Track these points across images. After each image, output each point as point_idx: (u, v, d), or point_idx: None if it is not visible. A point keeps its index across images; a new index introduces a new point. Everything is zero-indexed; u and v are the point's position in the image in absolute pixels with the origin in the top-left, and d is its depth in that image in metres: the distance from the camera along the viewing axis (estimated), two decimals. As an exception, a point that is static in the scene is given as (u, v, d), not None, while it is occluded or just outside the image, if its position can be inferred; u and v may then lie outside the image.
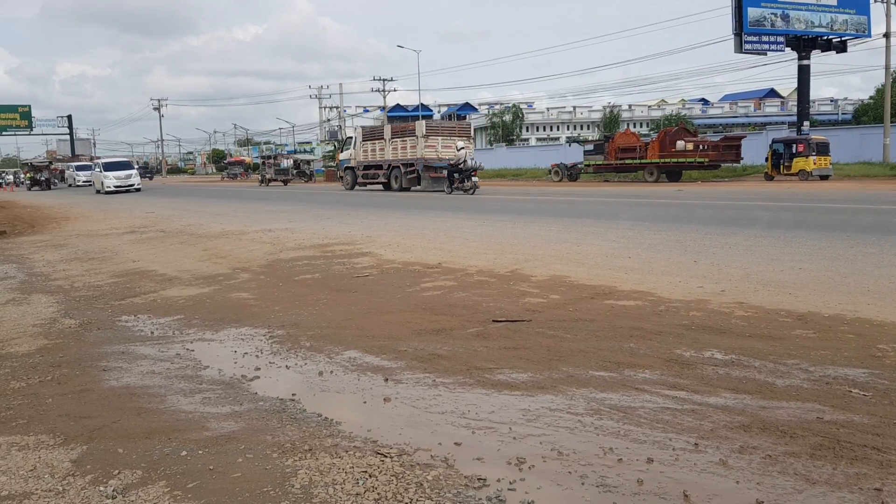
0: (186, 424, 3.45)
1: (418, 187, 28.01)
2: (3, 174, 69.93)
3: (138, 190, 36.25)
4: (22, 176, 62.65)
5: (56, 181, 52.85)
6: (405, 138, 28.40)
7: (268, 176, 46.01)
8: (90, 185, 44.51)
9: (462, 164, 23.59)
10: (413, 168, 27.88)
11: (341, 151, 37.18)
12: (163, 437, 3.28)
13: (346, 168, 32.27)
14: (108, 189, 35.19)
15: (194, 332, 5.50)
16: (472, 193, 22.85)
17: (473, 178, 23.37)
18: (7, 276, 9.13)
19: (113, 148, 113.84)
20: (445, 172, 24.79)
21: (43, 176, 50.18)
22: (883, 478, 2.61)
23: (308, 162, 50.89)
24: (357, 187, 31.32)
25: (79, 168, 52.87)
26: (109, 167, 36.98)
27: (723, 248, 8.29)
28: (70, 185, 50.88)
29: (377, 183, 30.17)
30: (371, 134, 31.72)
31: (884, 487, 2.54)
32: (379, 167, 29.67)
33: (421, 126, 27.56)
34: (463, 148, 24.33)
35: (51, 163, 57.50)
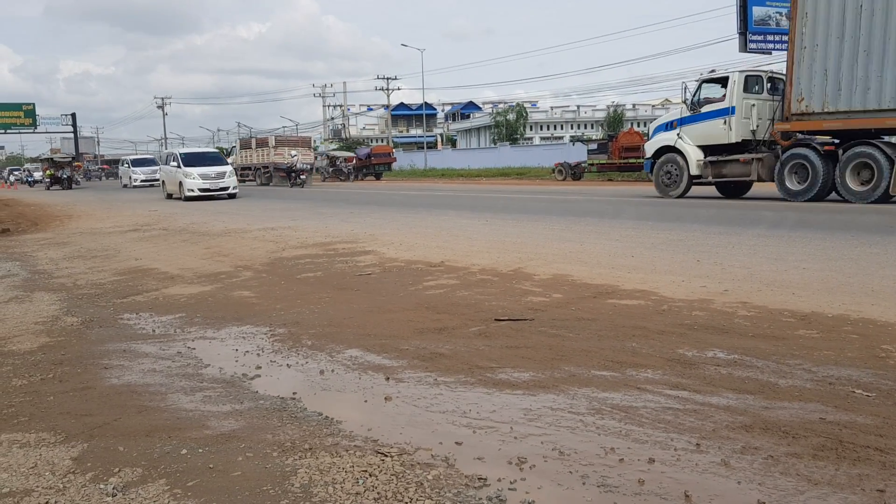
0: (187, 423, 3.44)
1: (272, 183, 38.01)
2: (18, 170, 69.44)
3: (233, 196, 23.90)
4: (40, 173, 57.37)
5: (79, 179, 48.40)
6: (264, 148, 40.10)
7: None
8: (151, 185, 37.64)
9: (294, 167, 34.26)
10: (267, 169, 38.85)
11: (228, 156, 46.12)
12: (163, 435, 3.28)
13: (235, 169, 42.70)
14: (190, 194, 23.14)
15: (196, 330, 5.50)
16: (303, 187, 33.14)
17: (302, 177, 34.05)
18: (10, 273, 9.14)
19: (117, 146, 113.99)
20: (284, 172, 35.37)
21: (65, 174, 43.55)
22: (886, 479, 2.59)
23: (346, 159, 44.92)
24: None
25: (137, 163, 43.94)
26: (191, 161, 24.45)
27: (726, 247, 8.27)
28: (125, 186, 41.96)
29: (248, 180, 40.77)
30: (245, 144, 44.41)
31: (886, 489, 2.52)
32: (248, 168, 41.63)
33: (272, 139, 41.08)
34: (295, 155, 35.34)
35: (74, 158, 48.85)
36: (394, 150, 52.73)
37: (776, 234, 9.41)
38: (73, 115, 62.29)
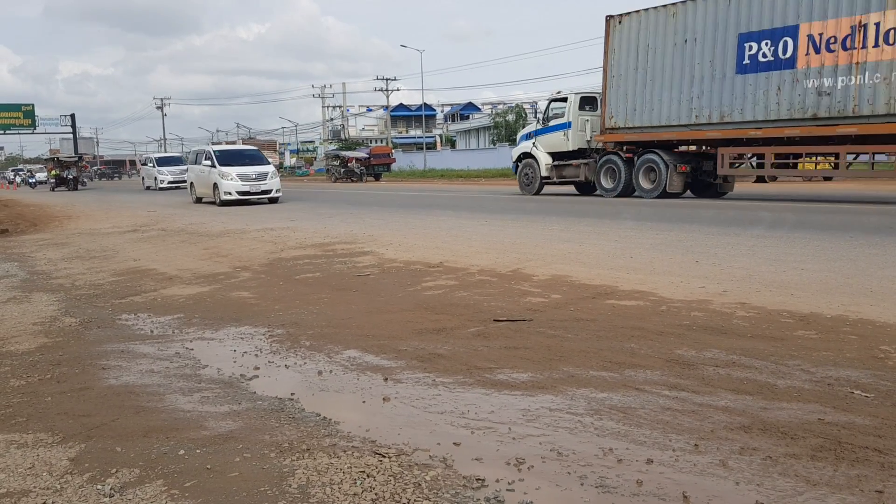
0: (185, 423, 3.44)
1: None
2: (22, 170, 67.90)
3: (275, 200, 20.58)
4: (44, 174, 54.60)
5: (85, 180, 45.25)
6: None
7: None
8: (178, 188, 33.58)
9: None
10: None
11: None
12: (161, 435, 3.27)
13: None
14: (227, 198, 19.69)
15: (194, 330, 5.50)
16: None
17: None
18: (8, 274, 9.14)
19: (116, 147, 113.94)
20: None
21: (71, 174, 41.35)
22: (884, 480, 2.59)
23: (358, 159, 44.62)
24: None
25: (164, 162, 39.18)
26: (227, 159, 20.69)
27: (725, 248, 8.27)
28: (149, 188, 37.62)
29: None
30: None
31: (885, 489, 2.52)
32: None
33: (238, 142, 44.54)
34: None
35: (80, 158, 46.06)
36: (393, 151, 52.74)
37: (775, 234, 9.41)
38: (73, 116, 62.26)
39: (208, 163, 20.75)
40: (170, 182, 36.11)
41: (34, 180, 53.09)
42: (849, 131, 14.20)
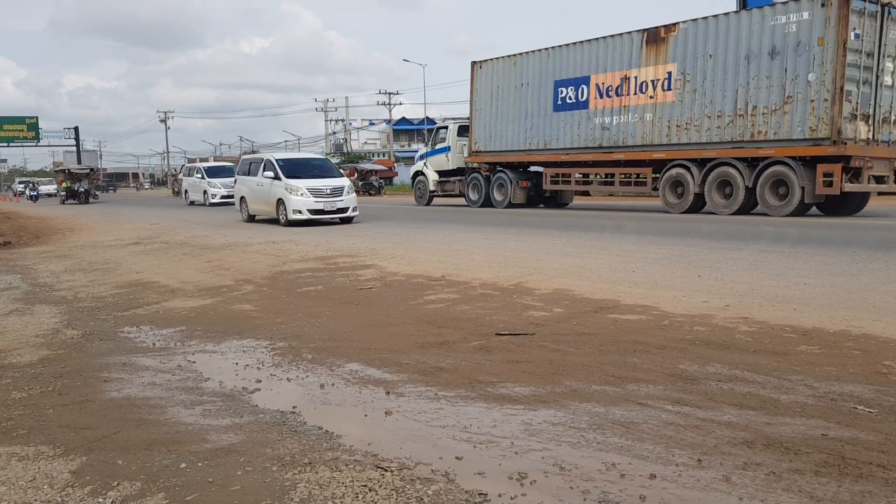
0: (186, 436, 3.43)
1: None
2: (30, 183, 66.29)
3: (348, 220, 17.00)
4: (53, 186, 52.08)
5: (97, 193, 42.55)
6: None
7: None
8: (231, 204, 24.04)
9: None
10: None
11: (179, 174, 49.83)
12: (162, 448, 3.27)
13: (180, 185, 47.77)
14: (296, 217, 16.31)
15: (196, 343, 5.49)
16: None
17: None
18: (11, 286, 9.15)
19: (119, 160, 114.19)
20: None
21: (82, 186, 39.17)
22: (888, 496, 2.58)
23: (377, 172, 43.46)
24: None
25: (213, 173, 32.06)
26: (294, 170, 17.22)
27: (727, 262, 8.27)
28: (193, 203, 31.79)
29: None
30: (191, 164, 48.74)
31: (889, 506, 2.51)
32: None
33: (210, 158, 47.02)
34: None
35: (92, 170, 43.57)
36: (395, 165, 52.80)
37: (777, 249, 9.41)
38: (76, 129, 62.47)
39: (270, 174, 16.95)
40: (223, 197, 29.77)
41: (35, 193, 48.26)
42: (620, 157, 18.92)
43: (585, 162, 19.97)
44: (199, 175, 31.90)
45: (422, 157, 26.43)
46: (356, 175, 44.73)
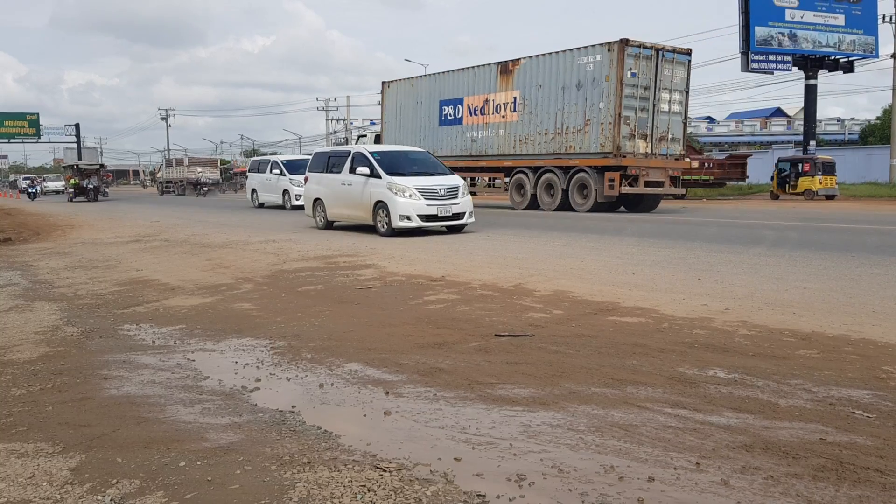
0: (185, 435, 3.44)
1: (186, 193, 45.84)
2: (38, 179, 65.10)
3: (458, 229, 13.93)
4: (60, 183, 51.38)
5: (107, 191, 40.88)
6: (181, 166, 48.57)
7: None
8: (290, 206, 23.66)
9: (199, 181, 44.86)
10: (182, 182, 46.95)
11: (159, 172, 53.85)
12: (162, 447, 3.27)
13: (159, 182, 53.09)
14: (404, 224, 13.11)
15: (196, 342, 5.50)
16: (205, 196, 42.38)
17: (205, 189, 44.59)
18: (11, 282, 9.15)
19: (120, 157, 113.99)
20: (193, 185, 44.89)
21: (91, 183, 37.73)
22: (886, 501, 2.58)
23: None
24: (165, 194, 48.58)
25: (295, 168, 24.78)
26: (393, 165, 13.90)
27: (727, 266, 8.27)
28: (263, 205, 26.69)
29: (168, 191, 48.90)
30: (168, 163, 52.53)
31: (887, 511, 2.51)
32: (170, 182, 49.20)
33: (186, 160, 50.39)
34: (201, 171, 45.96)
35: (102, 166, 42.26)
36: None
37: (777, 253, 9.41)
38: (77, 126, 62.50)
39: (364, 171, 13.60)
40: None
41: (35, 190, 45.35)
42: (483, 164, 23.26)
43: (461, 168, 22.75)
44: (277, 171, 25.81)
45: None
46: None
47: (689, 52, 20.28)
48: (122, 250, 12.48)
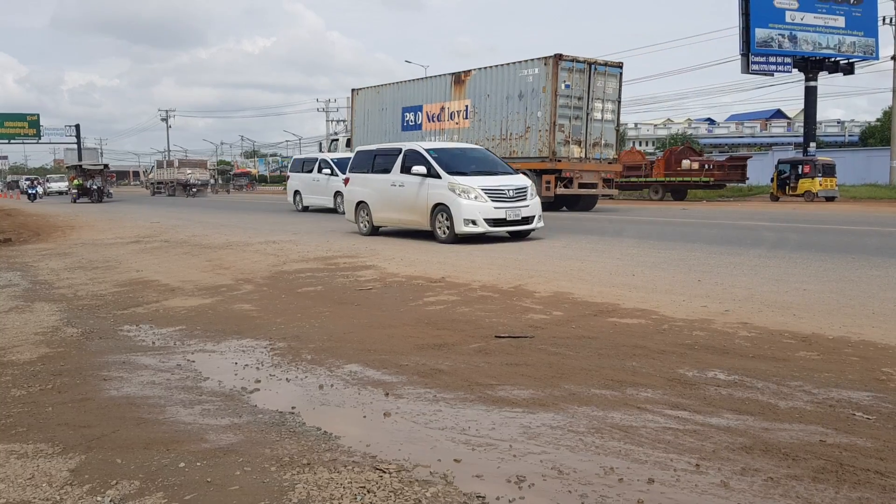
0: (185, 436, 3.43)
1: (176, 194, 46.95)
2: (41, 180, 63.82)
3: (524, 234, 12.46)
4: (63, 184, 50.41)
5: (110, 191, 39.87)
6: (171, 167, 50.72)
7: None
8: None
9: (188, 182, 46.27)
10: (172, 183, 48.58)
11: (150, 174, 56.37)
12: (161, 447, 3.27)
13: (150, 183, 56.03)
14: (469, 230, 11.59)
15: (195, 342, 5.50)
16: (195, 196, 43.56)
17: (194, 190, 45.86)
18: (11, 283, 9.15)
19: (120, 158, 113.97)
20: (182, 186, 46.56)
21: (95, 184, 36.82)
22: (886, 502, 2.58)
23: None
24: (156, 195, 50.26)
25: (344, 165, 19.73)
26: (449, 163, 12.43)
27: (727, 267, 8.27)
28: (307, 209, 24.21)
29: (159, 192, 50.96)
30: (160, 165, 54.93)
31: (887, 513, 2.51)
32: (161, 182, 51.54)
33: (176, 161, 52.20)
34: (190, 173, 47.37)
35: (106, 166, 41.45)
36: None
37: (778, 254, 9.41)
38: (77, 127, 62.55)
39: (420, 170, 12.14)
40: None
41: (36, 191, 43.08)
42: None
43: None
44: (327, 171, 23.10)
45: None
46: None
47: (620, 66, 22.11)
48: (122, 251, 12.48)
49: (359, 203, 14.02)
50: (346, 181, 14.83)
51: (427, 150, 12.63)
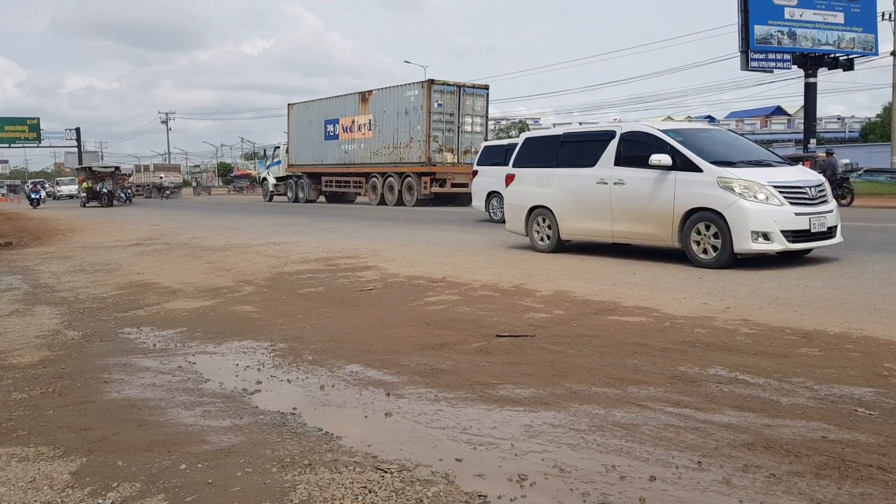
0: (186, 437, 3.43)
1: (152, 196, 49.16)
2: (47, 183, 60.28)
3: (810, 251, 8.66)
4: (73, 187, 47.49)
5: (122, 195, 37.93)
6: (148, 171, 55.16)
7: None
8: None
9: (162, 185, 48.28)
10: (148, 186, 52.28)
11: (129, 177, 57.71)
12: (162, 449, 3.27)
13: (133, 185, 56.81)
14: (758, 246, 7.72)
15: (196, 344, 5.50)
16: (168, 198, 45.75)
17: (167, 192, 47.56)
18: (12, 287, 9.16)
19: (120, 160, 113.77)
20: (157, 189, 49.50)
21: (105, 187, 34.90)
22: (888, 498, 2.57)
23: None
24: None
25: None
26: (704, 150, 8.49)
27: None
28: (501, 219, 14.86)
29: (140, 193, 51.69)
30: (138, 169, 58.58)
31: (890, 508, 2.50)
32: (139, 185, 53.77)
33: (151, 165, 57.09)
34: (164, 177, 50.35)
35: (117, 168, 39.21)
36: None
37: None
38: (78, 130, 62.57)
39: (663, 160, 8.48)
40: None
41: (39, 195, 38.07)
42: (352, 171, 30.15)
43: (339, 173, 31.21)
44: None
45: (266, 167, 39.22)
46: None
47: (486, 87, 27.59)
48: (123, 254, 12.49)
49: (533, 209, 10.36)
50: (509, 179, 11.01)
51: (665, 132, 8.97)
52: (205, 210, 28.38)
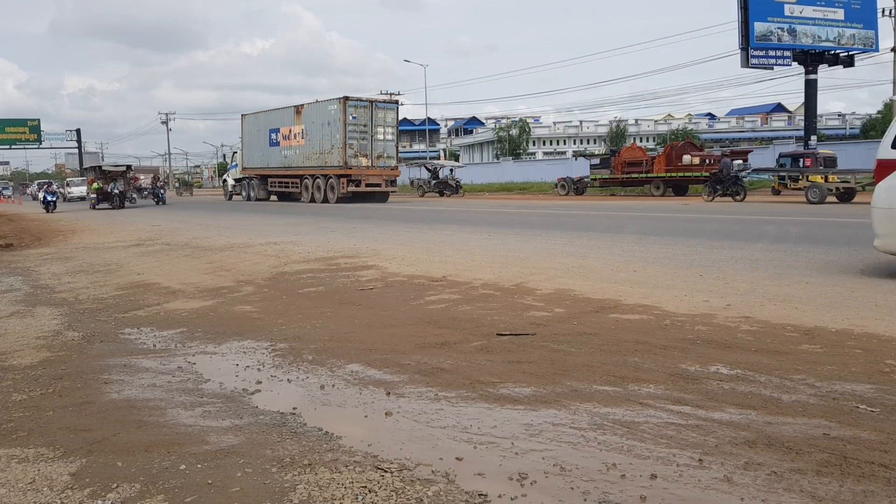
0: (186, 438, 3.42)
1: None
2: (51, 184, 60.91)
3: None
4: (83, 188, 46.11)
5: (134, 196, 37.31)
6: (128, 174, 57.27)
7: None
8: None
9: (141, 186, 44.20)
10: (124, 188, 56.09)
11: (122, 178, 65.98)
12: (162, 450, 3.26)
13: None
14: None
15: (196, 345, 5.49)
16: (146, 199, 42.94)
17: (144, 192, 43.86)
18: (12, 288, 9.15)
19: (121, 161, 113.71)
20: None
21: (116, 188, 33.73)
22: (891, 496, 2.56)
23: (451, 170, 44.95)
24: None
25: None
26: None
27: (728, 261, 8.25)
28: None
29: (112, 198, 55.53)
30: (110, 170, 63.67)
31: (892, 505, 2.49)
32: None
33: (121, 168, 55.48)
34: (143, 178, 47.84)
35: (129, 168, 37.80)
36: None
37: (779, 248, 9.39)
38: (78, 131, 62.62)
39: None
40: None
41: (54, 198, 33.63)
42: (291, 173, 34.68)
43: (282, 176, 35.56)
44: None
45: (226, 171, 45.36)
46: (429, 173, 43.94)
47: (396, 102, 34.06)
48: (123, 254, 12.48)
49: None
50: (881, 170, 7.13)
51: None
52: (205, 210, 28.38)
